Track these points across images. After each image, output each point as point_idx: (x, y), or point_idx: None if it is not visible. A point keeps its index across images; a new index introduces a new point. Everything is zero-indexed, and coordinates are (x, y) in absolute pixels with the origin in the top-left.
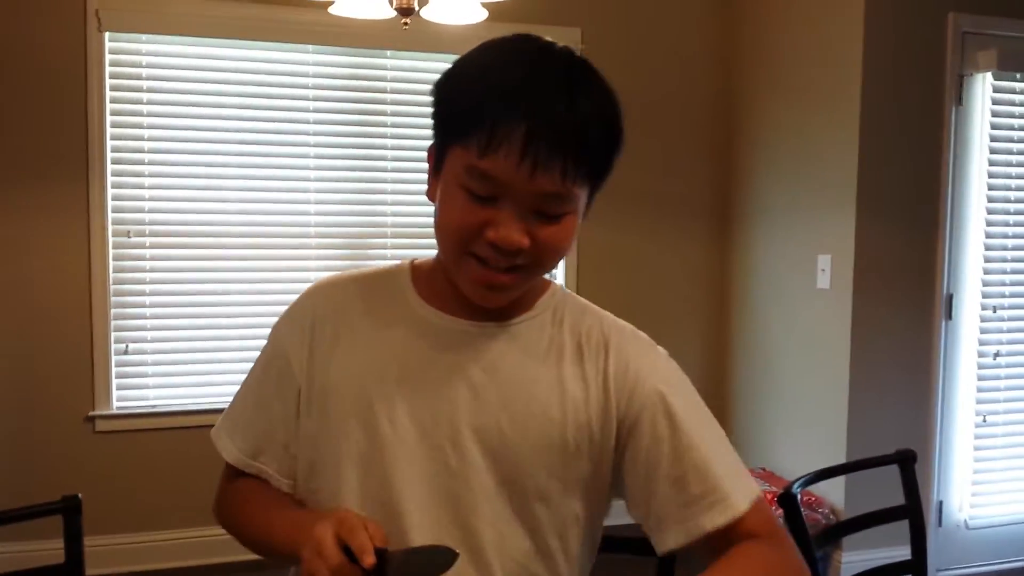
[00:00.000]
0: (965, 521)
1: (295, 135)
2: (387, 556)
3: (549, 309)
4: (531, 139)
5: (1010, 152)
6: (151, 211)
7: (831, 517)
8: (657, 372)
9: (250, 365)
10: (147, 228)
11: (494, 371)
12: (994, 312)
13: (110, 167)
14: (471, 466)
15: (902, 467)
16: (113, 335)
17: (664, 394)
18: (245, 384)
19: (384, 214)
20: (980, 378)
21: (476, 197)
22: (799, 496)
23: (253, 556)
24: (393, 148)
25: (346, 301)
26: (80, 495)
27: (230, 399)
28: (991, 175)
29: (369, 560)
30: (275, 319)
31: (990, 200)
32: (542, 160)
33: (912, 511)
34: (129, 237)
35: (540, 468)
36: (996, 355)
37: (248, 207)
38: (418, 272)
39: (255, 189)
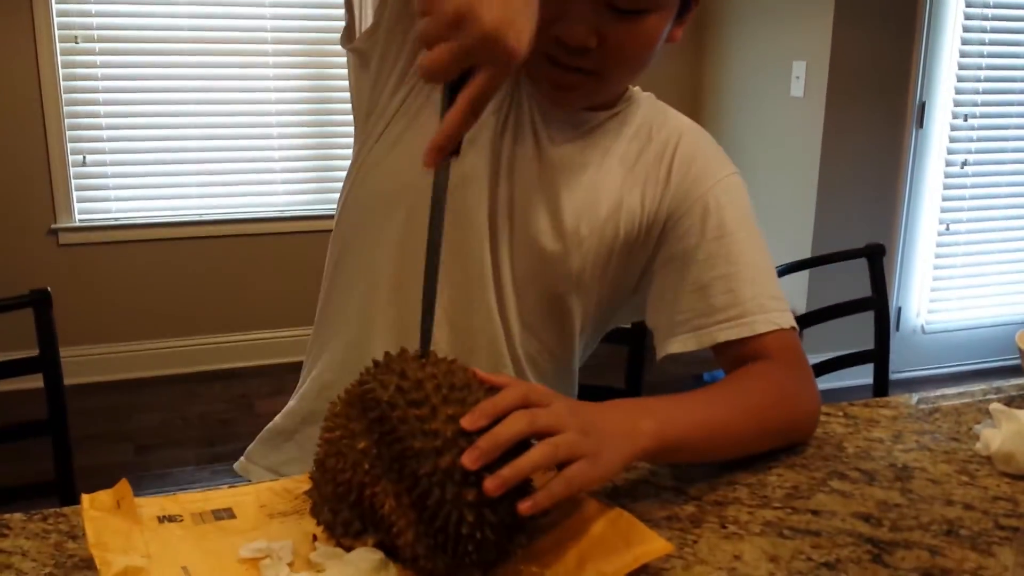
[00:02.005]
0: (922, 326)
1: None
2: (458, 150)
3: (629, 103)
4: None
5: None
6: (98, 14)
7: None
8: (719, 182)
9: (213, 178)
10: (95, 33)
11: (566, 155)
12: (965, 121)
13: None
14: (518, 240)
15: (870, 260)
16: (69, 146)
17: (718, 201)
18: None
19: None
20: (946, 187)
21: None
22: None
23: (220, 364)
24: None
25: None
26: (48, 288)
27: (193, 212)
28: None
29: (430, 160)
30: (233, 129)
31: (968, 5)
32: None
33: (878, 303)
34: (77, 43)
35: (585, 254)
36: (964, 164)
37: (200, 8)
38: None
39: None
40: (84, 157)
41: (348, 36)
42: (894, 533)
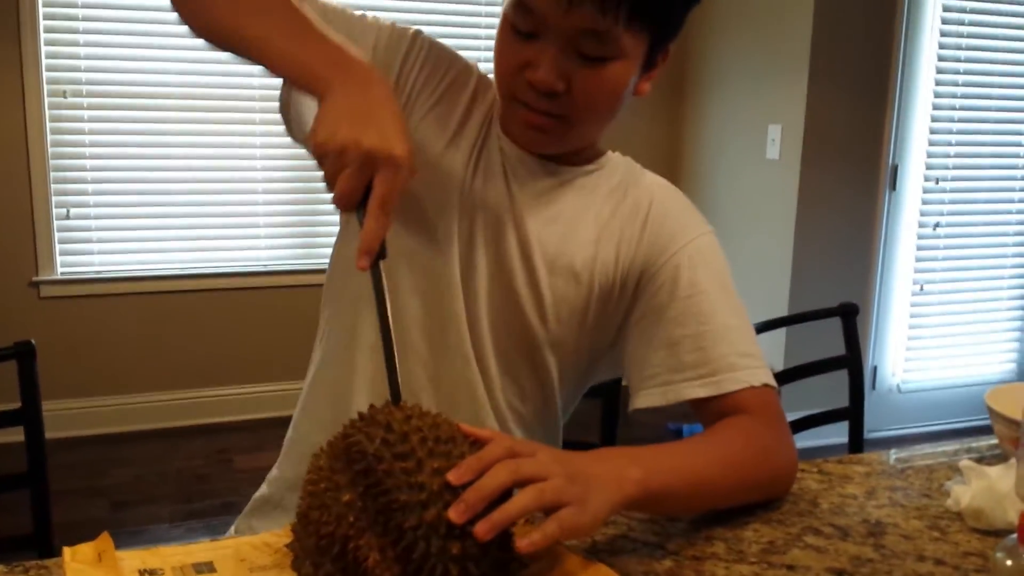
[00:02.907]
0: (898, 385)
1: None
2: (382, 258)
3: (605, 166)
4: None
5: (961, 23)
6: (87, 70)
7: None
8: (692, 240)
9: (196, 232)
10: (84, 88)
11: (542, 206)
12: (936, 184)
13: (42, 23)
14: (494, 288)
15: (844, 319)
16: (54, 199)
17: (691, 259)
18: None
19: None
20: (919, 247)
21: (519, 33)
22: None
23: (200, 419)
24: None
25: (463, 88)
26: (33, 341)
27: (176, 266)
28: (942, 45)
29: (364, 264)
30: (218, 184)
31: (939, 72)
32: None
33: (852, 361)
34: (65, 97)
35: (560, 308)
36: (936, 226)
37: (189, 65)
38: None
39: (197, 47)
40: (68, 210)
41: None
42: None
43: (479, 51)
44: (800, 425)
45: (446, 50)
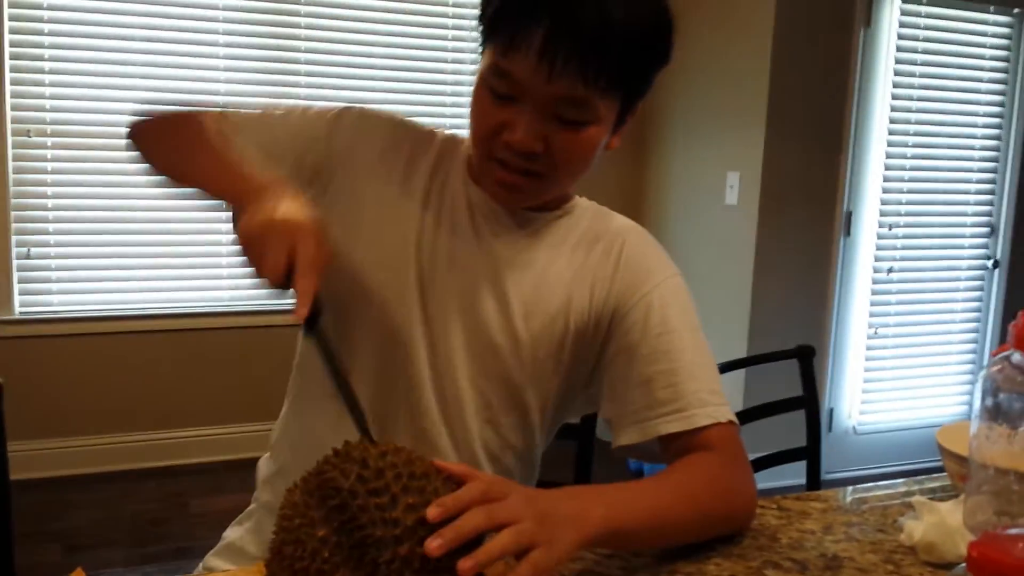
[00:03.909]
0: (854, 427)
1: (205, 33)
2: (320, 314)
3: (574, 212)
4: (551, 39)
5: (912, 75)
6: (52, 109)
7: None
8: (662, 282)
9: (157, 272)
10: (48, 128)
11: (515, 255)
12: (890, 230)
13: (8, 63)
14: (471, 341)
15: (801, 360)
16: (14, 239)
17: (662, 299)
18: (268, 111)
19: None
20: (874, 291)
21: (497, 96)
22: None
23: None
24: (308, 51)
25: (425, 154)
26: (2, 379)
27: (136, 306)
28: (894, 96)
29: (302, 313)
30: (180, 224)
31: (892, 122)
32: (560, 61)
33: (809, 402)
34: (29, 136)
35: (537, 349)
36: (889, 271)
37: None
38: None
39: (162, 89)
40: (29, 250)
41: None
42: None
43: (444, 117)
44: (759, 464)
45: (386, 117)
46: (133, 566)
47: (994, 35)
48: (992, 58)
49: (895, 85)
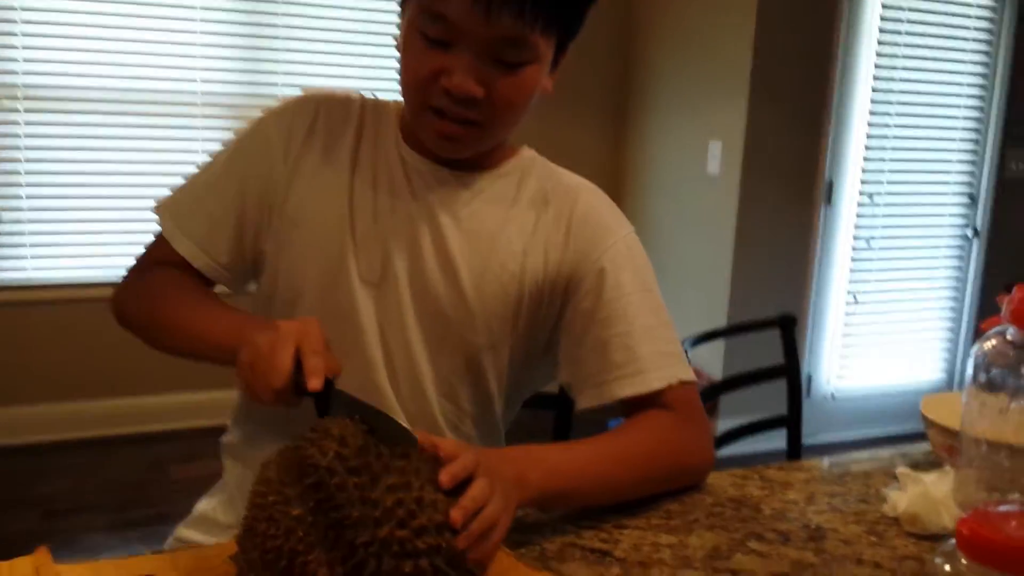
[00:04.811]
0: (832, 393)
1: None
2: (334, 391)
3: (519, 169)
4: None
5: (896, 44)
6: (25, 72)
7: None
8: (615, 242)
9: (134, 236)
10: (20, 91)
11: (460, 220)
12: (871, 199)
13: None
14: (421, 312)
15: (783, 329)
16: None
17: (615, 262)
18: (204, 170)
19: (274, 83)
20: (854, 259)
21: (431, 41)
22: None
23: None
24: (285, 2)
25: (345, 120)
26: None
27: (113, 271)
28: (878, 65)
29: (316, 384)
30: (158, 189)
31: (875, 91)
32: (497, 1)
33: (790, 370)
34: (0, 101)
35: (490, 318)
36: (870, 240)
37: (130, 69)
38: (402, 112)
39: (138, 52)
40: (1, 215)
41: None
42: None
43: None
44: (740, 432)
45: (295, 100)
46: (114, 532)
47: (978, 5)
48: (976, 28)
49: (879, 54)
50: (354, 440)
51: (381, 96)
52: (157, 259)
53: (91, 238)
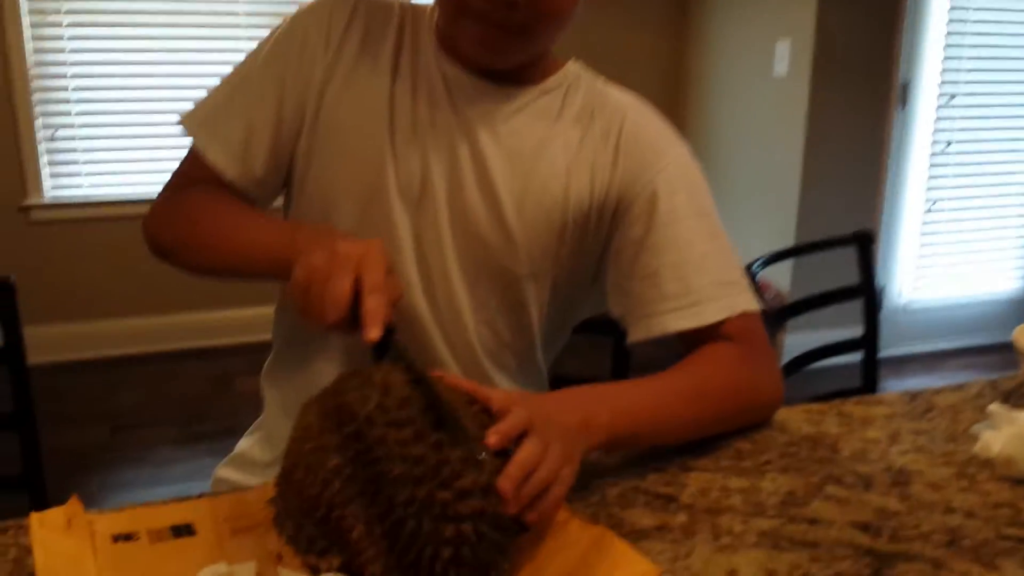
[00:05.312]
0: (905, 304)
1: None
2: (393, 337)
3: (563, 84)
4: None
5: None
6: None
7: (776, 300)
8: (668, 164)
9: (184, 150)
10: (63, 6)
11: (499, 137)
12: (951, 99)
13: None
14: (459, 236)
15: (860, 247)
16: (39, 120)
17: (668, 184)
18: (235, 75)
19: None
20: (932, 165)
21: None
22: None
23: (197, 342)
24: None
25: (385, 23)
26: (13, 277)
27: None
28: None
29: (374, 334)
30: None
31: None
32: None
33: (867, 289)
34: (46, 16)
35: (532, 246)
36: (948, 144)
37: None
38: (437, 19)
39: None
40: (54, 132)
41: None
42: (894, 544)
43: None
44: (811, 357)
45: (339, 4)
46: (183, 445)
47: None
48: None
49: None
50: (398, 391)
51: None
52: (188, 179)
53: (145, 154)
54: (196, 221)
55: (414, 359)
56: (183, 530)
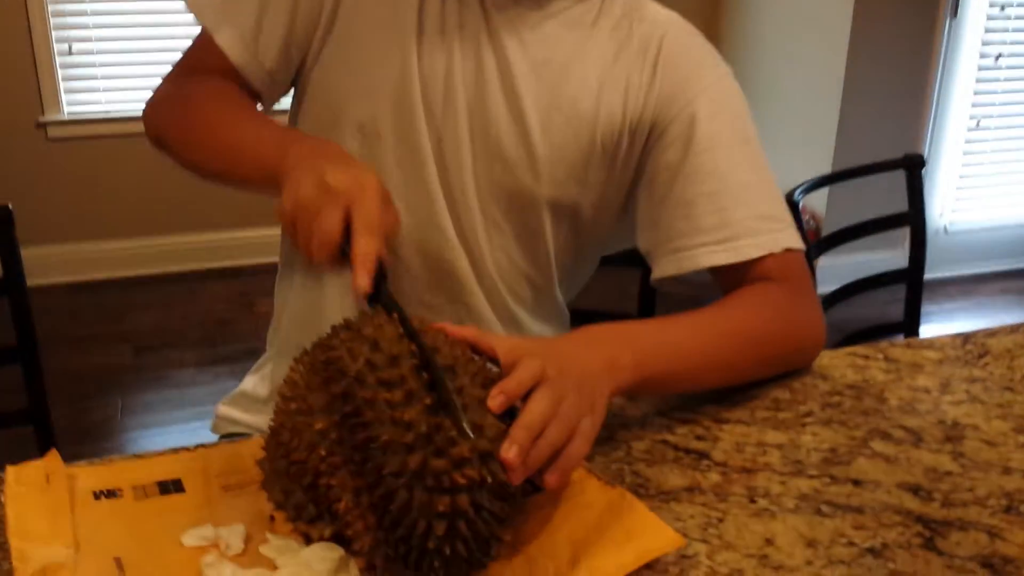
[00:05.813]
0: (945, 227)
1: None
2: (385, 279)
3: None
4: None
5: None
6: None
7: (811, 223)
8: (709, 86)
9: None
10: None
11: (526, 45)
12: (1002, 10)
13: None
14: (479, 149)
15: (908, 171)
16: (54, 34)
17: (709, 109)
18: None
19: None
20: (979, 80)
21: None
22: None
23: (218, 262)
24: None
25: None
26: (10, 205)
27: None
28: None
29: (363, 284)
30: None
31: None
32: None
33: (914, 218)
34: None
35: (555, 166)
36: (998, 57)
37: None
38: None
39: None
40: (71, 46)
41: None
42: (946, 509)
43: None
44: (850, 291)
45: None
46: (204, 367)
47: None
48: None
49: None
50: (389, 346)
51: None
52: (195, 66)
53: (165, 68)
54: (192, 111)
55: (404, 309)
56: (171, 486)
